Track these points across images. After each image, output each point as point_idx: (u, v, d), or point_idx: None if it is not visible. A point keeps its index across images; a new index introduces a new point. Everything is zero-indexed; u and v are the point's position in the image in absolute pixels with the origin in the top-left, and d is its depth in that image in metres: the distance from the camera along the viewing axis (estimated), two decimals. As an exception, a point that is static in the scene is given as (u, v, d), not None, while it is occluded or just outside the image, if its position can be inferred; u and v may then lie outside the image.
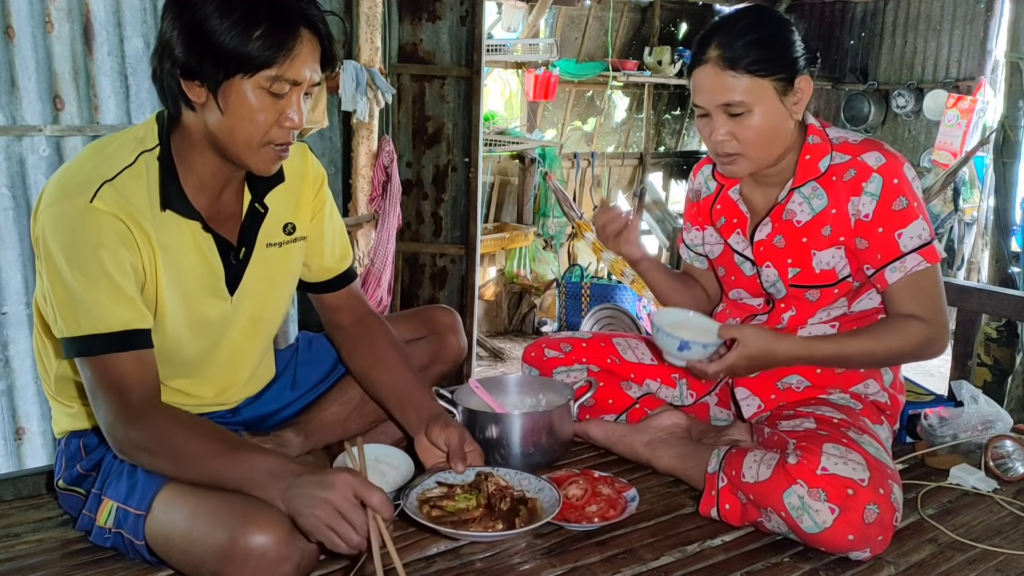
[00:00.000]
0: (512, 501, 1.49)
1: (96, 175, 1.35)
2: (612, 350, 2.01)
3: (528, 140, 6.21)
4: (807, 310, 1.79)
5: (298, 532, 1.26)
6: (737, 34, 1.63)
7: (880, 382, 1.81)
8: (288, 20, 1.32)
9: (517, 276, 6.23)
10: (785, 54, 1.66)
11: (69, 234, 1.33)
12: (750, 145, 1.67)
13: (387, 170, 4.10)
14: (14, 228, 2.96)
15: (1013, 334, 4.16)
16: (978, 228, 6.29)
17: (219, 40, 1.29)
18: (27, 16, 2.88)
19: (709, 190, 1.92)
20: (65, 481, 1.53)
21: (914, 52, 7.01)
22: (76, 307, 1.34)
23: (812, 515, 1.46)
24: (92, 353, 1.35)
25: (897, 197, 1.66)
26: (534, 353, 2.06)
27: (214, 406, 1.62)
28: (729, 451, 1.64)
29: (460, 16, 4.18)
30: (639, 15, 7.20)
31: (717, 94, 1.65)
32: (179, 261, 1.43)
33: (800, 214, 1.74)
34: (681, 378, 2.00)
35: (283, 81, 1.34)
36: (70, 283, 1.33)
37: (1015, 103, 4.57)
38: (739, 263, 1.86)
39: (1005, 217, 4.74)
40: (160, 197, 1.40)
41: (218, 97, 1.34)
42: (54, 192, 1.36)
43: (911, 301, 1.69)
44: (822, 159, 1.72)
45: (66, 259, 1.33)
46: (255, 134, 1.37)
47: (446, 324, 1.91)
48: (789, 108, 1.68)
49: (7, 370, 3.03)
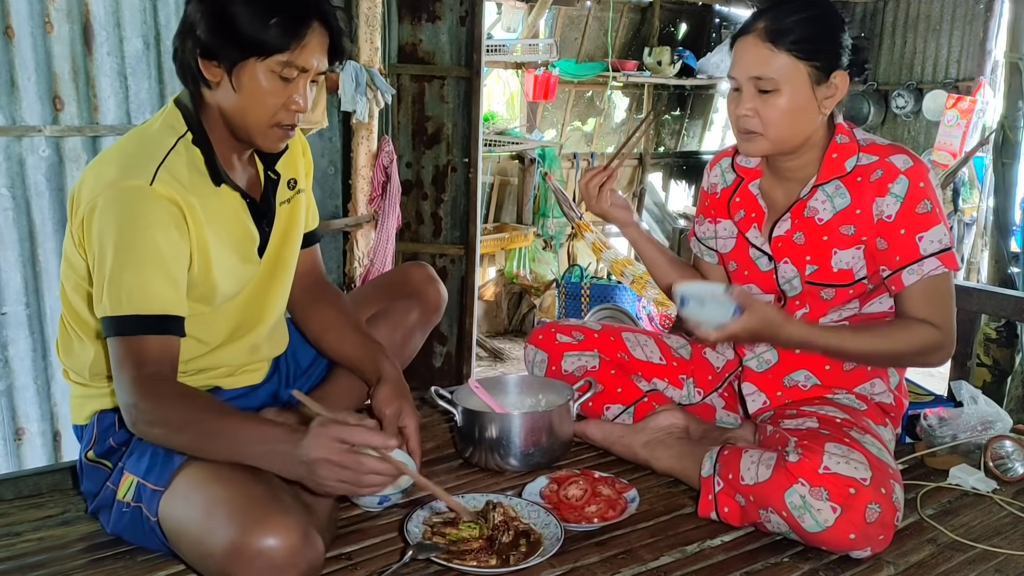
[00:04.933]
0: (515, 535, 1.48)
1: (150, 159, 1.44)
2: (622, 345, 2.01)
3: (528, 140, 6.20)
4: (819, 309, 1.78)
5: (309, 539, 1.28)
6: (790, 11, 1.64)
7: (886, 383, 1.80)
8: (303, 11, 1.44)
9: (517, 276, 6.23)
10: (830, 43, 1.65)
11: (127, 214, 1.39)
12: (771, 125, 1.66)
13: (387, 170, 4.10)
14: (14, 228, 2.96)
15: (1012, 334, 4.15)
16: (977, 228, 6.28)
17: (238, 24, 1.42)
18: (27, 16, 2.88)
19: (727, 182, 1.91)
20: (96, 452, 1.56)
21: (913, 52, 7.01)
22: (123, 286, 1.39)
23: (814, 514, 1.46)
24: (126, 332, 1.39)
25: (922, 200, 1.66)
26: (543, 336, 2.04)
27: (246, 369, 1.69)
28: (721, 452, 1.63)
29: (460, 16, 4.18)
30: (639, 15, 7.20)
31: (752, 66, 1.64)
32: (230, 232, 1.53)
33: (822, 212, 1.73)
34: (688, 377, 1.99)
35: (293, 67, 1.45)
36: (121, 262, 1.39)
37: (1015, 103, 4.57)
38: (755, 258, 1.84)
39: (1005, 217, 4.74)
40: (210, 174, 1.50)
41: (232, 77, 1.45)
42: (109, 173, 1.43)
43: (925, 305, 1.68)
44: (848, 158, 1.72)
45: (120, 238, 1.39)
46: (264, 114, 1.48)
47: (421, 278, 1.96)
48: (819, 100, 1.66)
49: (7, 370, 3.03)
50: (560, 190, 6.13)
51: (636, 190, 7.62)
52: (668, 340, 2.04)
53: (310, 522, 1.32)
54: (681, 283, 1.70)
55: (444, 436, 2.03)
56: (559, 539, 1.48)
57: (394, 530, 1.58)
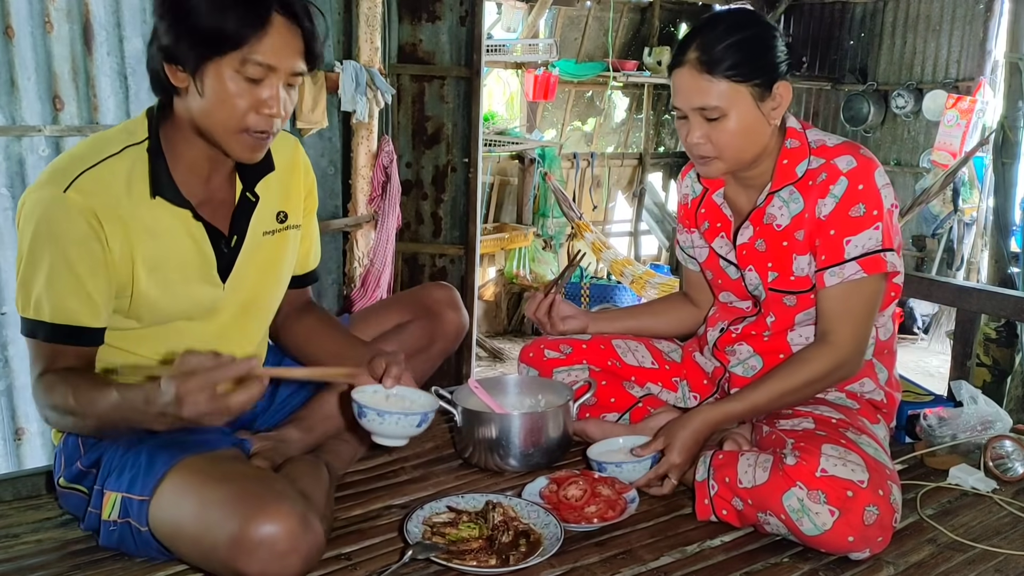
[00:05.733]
0: (515, 535, 1.48)
1: (78, 163, 1.40)
2: (612, 353, 2.01)
3: (528, 140, 6.21)
4: (785, 316, 1.79)
5: (308, 524, 1.28)
6: (716, 37, 1.63)
7: (875, 380, 1.81)
8: (261, 1, 1.37)
9: (516, 276, 6.23)
10: (764, 60, 1.65)
11: (42, 222, 1.38)
12: (724, 148, 1.67)
13: (387, 170, 4.10)
14: (13, 228, 2.94)
15: (1012, 334, 4.16)
16: (977, 228, 6.29)
17: (194, 20, 1.35)
18: (27, 16, 2.88)
19: (695, 192, 1.93)
20: (66, 479, 1.54)
21: (913, 52, 7.02)
22: (32, 290, 1.40)
23: (812, 517, 1.46)
24: (38, 336, 1.42)
25: (857, 203, 1.65)
26: (532, 354, 2.05)
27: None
28: (716, 456, 1.63)
29: (460, 16, 4.18)
30: (639, 15, 7.21)
31: (693, 97, 1.64)
32: (168, 247, 1.47)
33: (780, 218, 1.74)
34: (682, 380, 2.00)
35: (256, 65, 1.37)
36: (33, 267, 1.39)
37: (1014, 103, 4.57)
38: (724, 267, 1.86)
39: (1004, 217, 4.74)
40: (150, 184, 1.44)
41: (197, 81, 1.38)
42: (40, 178, 1.43)
43: (835, 313, 1.69)
44: (799, 163, 1.72)
45: (34, 244, 1.39)
46: (231, 118, 1.40)
47: (441, 300, 1.89)
48: (766, 113, 1.67)
49: (7, 370, 3.03)
50: (560, 190, 6.14)
51: (636, 190, 7.63)
52: (659, 344, 2.05)
53: (307, 507, 1.33)
54: (592, 447, 1.78)
55: (444, 436, 2.03)
56: (559, 539, 1.48)
57: (394, 530, 1.58)
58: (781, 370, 1.72)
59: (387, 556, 1.50)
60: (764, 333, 1.82)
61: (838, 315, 1.69)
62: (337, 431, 1.74)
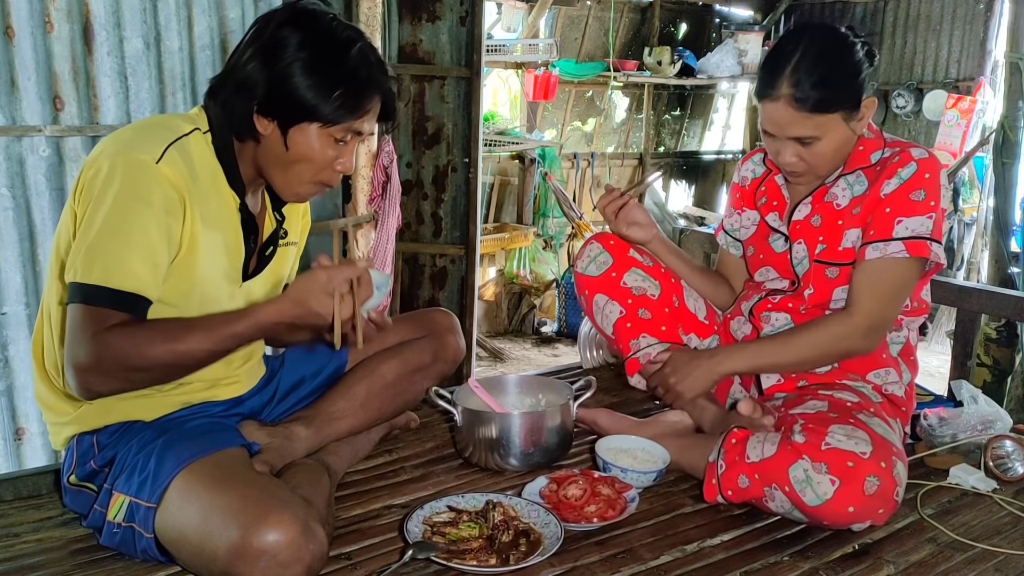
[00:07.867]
0: (515, 534, 1.49)
1: (163, 137, 1.43)
2: (679, 289, 2.03)
3: (528, 140, 6.20)
4: (825, 289, 1.83)
5: (310, 531, 1.27)
6: (807, 71, 1.68)
7: (899, 375, 1.84)
8: (365, 89, 1.46)
9: (517, 276, 6.23)
10: (852, 87, 1.72)
11: (128, 186, 1.37)
12: (818, 165, 1.77)
13: (387, 170, 4.10)
14: (14, 228, 2.96)
15: (1012, 334, 4.16)
16: (978, 228, 6.29)
17: (301, 95, 1.43)
18: (27, 16, 2.87)
19: (756, 174, 2.00)
20: (77, 477, 1.54)
21: (914, 52, 7.01)
22: (102, 255, 1.35)
23: (814, 487, 1.49)
24: (95, 303, 1.35)
25: (919, 189, 1.72)
26: (614, 242, 2.01)
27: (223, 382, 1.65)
28: (728, 439, 1.65)
29: (460, 16, 4.18)
30: (639, 15, 7.20)
31: (787, 129, 1.72)
32: (214, 236, 1.50)
33: (841, 198, 1.81)
34: (715, 334, 2.04)
35: (348, 131, 1.47)
36: (108, 231, 1.36)
37: (1015, 103, 4.57)
38: (771, 240, 1.91)
39: (1005, 217, 4.74)
40: (225, 173, 1.50)
41: (286, 137, 1.46)
42: (123, 143, 1.42)
43: (861, 287, 1.74)
44: (874, 152, 1.79)
45: (114, 208, 1.37)
46: (309, 172, 1.49)
47: (444, 325, 1.97)
48: (855, 128, 1.76)
49: (7, 370, 3.03)
50: (560, 190, 6.13)
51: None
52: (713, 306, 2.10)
53: (309, 514, 1.32)
54: (601, 442, 1.81)
55: (444, 436, 2.03)
56: (559, 538, 1.49)
57: (394, 530, 1.58)
58: (793, 328, 1.82)
59: (387, 556, 1.50)
60: (800, 307, 1.86)
61: (865, 287, 1.73)
62: (340, 435, 1.75)
